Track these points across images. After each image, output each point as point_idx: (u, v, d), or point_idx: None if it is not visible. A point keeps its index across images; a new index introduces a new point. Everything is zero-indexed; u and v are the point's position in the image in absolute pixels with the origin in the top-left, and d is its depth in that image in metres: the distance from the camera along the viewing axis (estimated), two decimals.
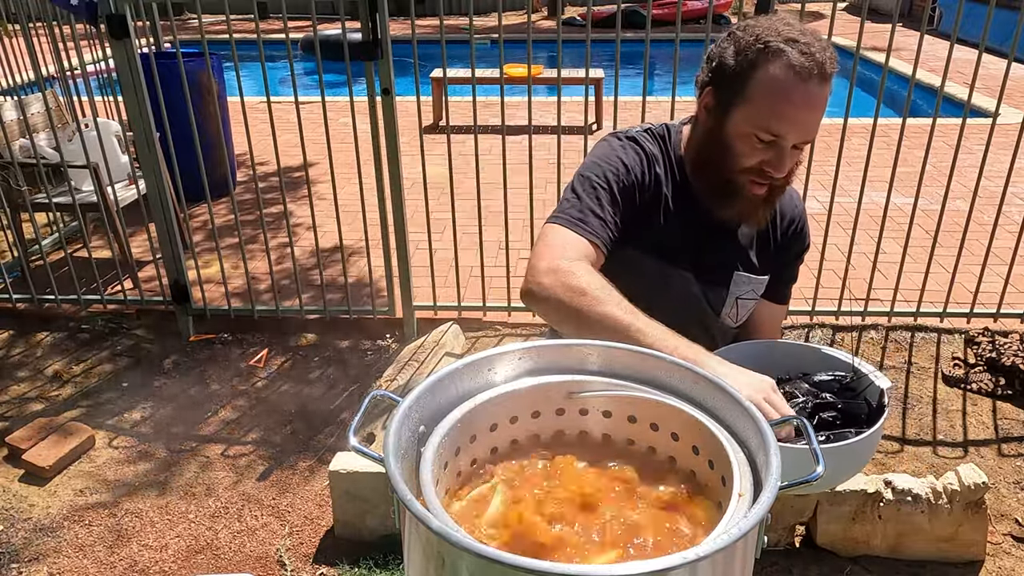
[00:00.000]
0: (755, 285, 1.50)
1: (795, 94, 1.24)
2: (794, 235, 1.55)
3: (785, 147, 1.28)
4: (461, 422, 0.90)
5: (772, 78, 1.24)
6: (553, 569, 0.64)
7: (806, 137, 1.29)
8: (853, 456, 1.16)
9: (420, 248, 4.05)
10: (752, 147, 1.29)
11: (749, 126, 1.28)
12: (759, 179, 1.32)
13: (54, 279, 3.91)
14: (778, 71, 1.24)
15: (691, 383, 0.94)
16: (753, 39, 1.27)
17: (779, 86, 1.24)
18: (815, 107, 1.26)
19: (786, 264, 1.58)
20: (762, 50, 1.25)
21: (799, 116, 1.26)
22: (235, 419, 3.28)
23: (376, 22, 3.12)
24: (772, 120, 1.26)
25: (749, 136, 1.28)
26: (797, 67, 1.23)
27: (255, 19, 3.38)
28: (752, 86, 1.26)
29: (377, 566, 2.52)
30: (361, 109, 3.44)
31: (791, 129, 1.26)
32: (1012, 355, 3.38)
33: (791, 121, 1.26)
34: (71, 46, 3.93)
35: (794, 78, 1.23)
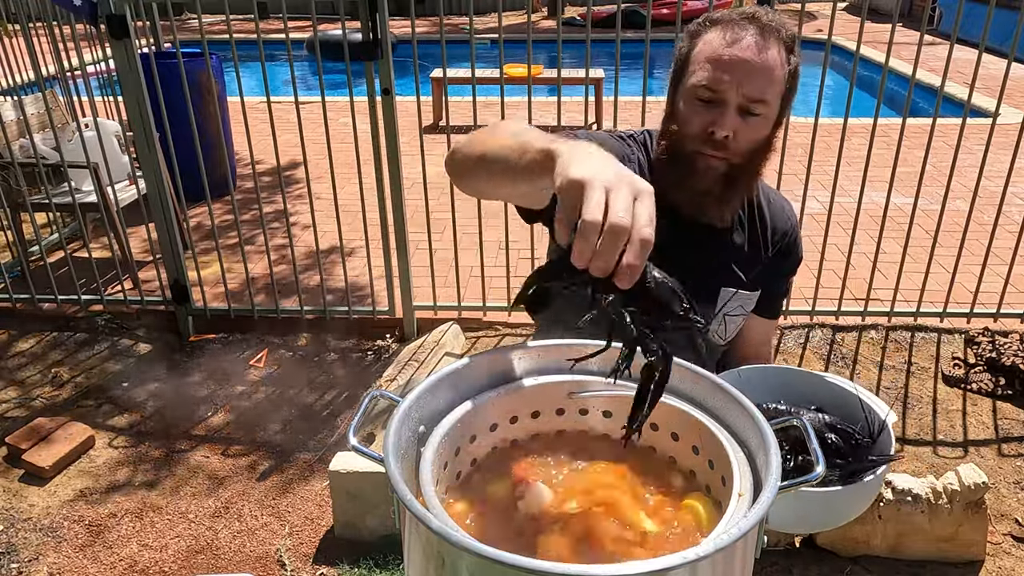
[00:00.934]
0: (743, 301, 1.46)
1: (725, 43, 1.24)
2: (786, 249, 1.51)
3: (726, 101, 1.24)
4: (461, 422, 0.90)
5: (707, 39, 1.27)
6: (553, 569, 0.64)
7: (747, 90, 1.23)
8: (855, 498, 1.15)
9: (420, 248, 4.05)
10: (694, 109, 1.27)
11: (688, 88, 1.28)
12: (709, 147, 1.27)
13: (54, 279, 3.90)
14: (713, 32, 1.27)
15: (691, 383, 0.94)
16: (700, 19, 1.31)
17: (712, 42, 1.26)
18: (748, 55, 1.23)
19: (777, 278, 1.54)
20: (702, 22, 1.29)
21: (731, 64, 1.23)
22: (235, 419, 3.28)
23: (376, 22, 3.12)
24: (705, 72, 1.25)
25: (690, 99, 1.28)
26: (728, 21, 1.26)
27: (255, 19, 3.38)
28: (693, 52, 1.29)
29: (377, 566, 2.52)
30: (361, 109, 3.44)
31: (725, 79, 1.23)
32: (1012, 355, 3.38)
33: (723, 68, 1.23)
34: (71, 46, 3.93)
35: (725, 30, 1.25)
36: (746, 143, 1.27)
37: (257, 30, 3.41)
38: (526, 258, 4.09)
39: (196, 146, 3.45)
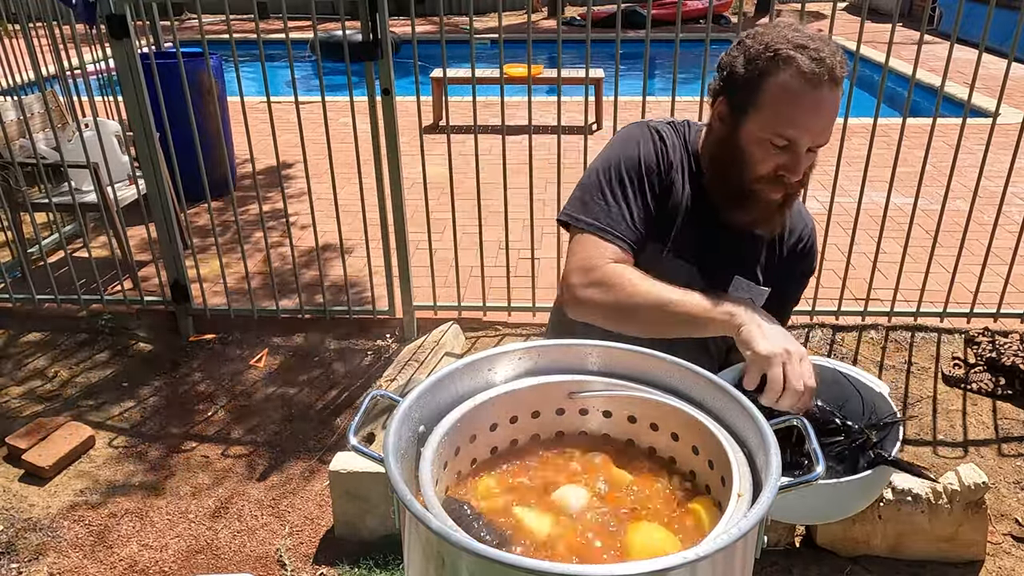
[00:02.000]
0: (754, 294, 1.49)
1: (807, 99, 1.26)
2: (801, 253, 1.54)
3: (800, 151, 1.29)
4: (461, 422, 0.90)
5: (783, 85, 1.26)
6: (553, 569, 0.64)
7: (819, 141, 1.30)
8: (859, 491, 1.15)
9: (420, 248, 4.05)
10: (767, 153, 1.31)
11: (763, 132, 1.29)
12: (774, 185, 1.33)
13: (54, 279, 3.90)
14: (789, 78, 1.25)
15: (691, 383, 0.94)
16: (763, 47, 1.28)
17: (791, 92, 1.26)
18: (827, 111, 1.28)
19: (790, 281, 1.56)
20: (772, 58, 1.27)
21: (812, 121, 1.27)
22: (235, 419, 3.28)
23: (376, 22, 3.12)
24: (785, 126, 1.27)
25: (763, 142, 1.30)
26: (808, 73, 1.24)
27: (255, 19, 3.38)
28: (764, 94, 1.28)
29: (377, 566, 2.52)
30: (361, 109, 3.44)
31: (804, 134, 1.28)
32: (1012, 355, 3.38)
33: (804, 126, 1.27)
34: (71, 46, 3.93)
35: (805, 84, 1.25)
36: (806, 172, 1.35)
37: (257, 30, 3.41)
38: (526, 258, 4.09)
39: (196, 146, 3.45)
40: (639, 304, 1.27)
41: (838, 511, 1.22)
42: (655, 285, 1.27)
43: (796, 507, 1.16)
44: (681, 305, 1.24)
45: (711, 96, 1.40)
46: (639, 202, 1.38)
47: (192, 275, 3.88)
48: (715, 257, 1.45)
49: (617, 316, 1.29)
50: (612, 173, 1.39)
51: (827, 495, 1.12)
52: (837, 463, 1.18)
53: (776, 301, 1.53)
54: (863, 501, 1.21)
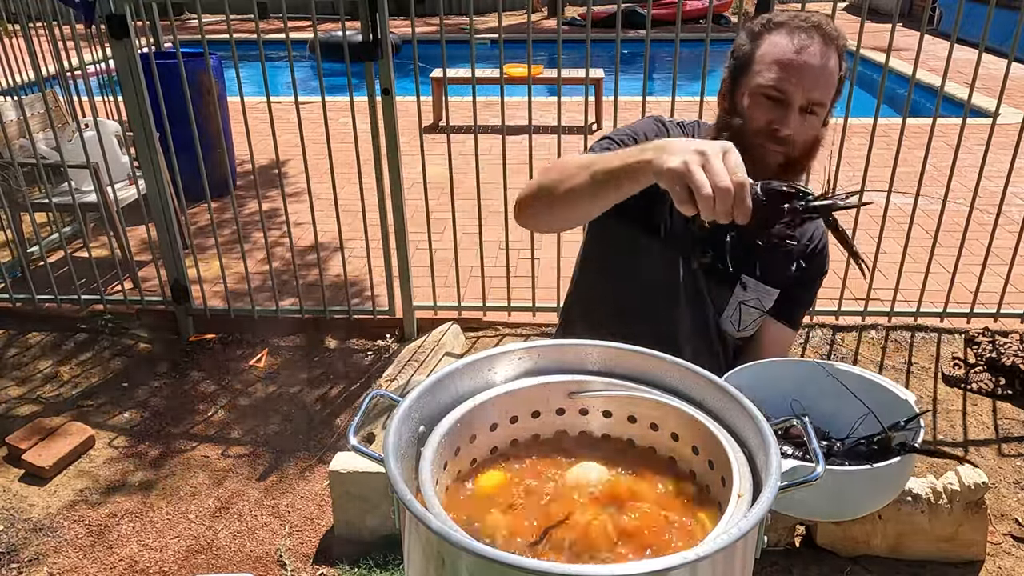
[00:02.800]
0: (761, 294, 1.49)
1: (793, 47, 1.31)
2: (812, 255, 1.54)
3: (791, 102, 1.31)
4: (461, 422, 0.90)
5: (773, 41, 1.33)
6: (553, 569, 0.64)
7: (811, 95, 1.31)
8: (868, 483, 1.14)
9: (420, 248, 4.05)
10: (758, 105, 1.33)
11: (755, 87, 1.33)
12: (770, 142, 1.34)
13: (54, 279, 3.90)
14: (779, 36, 1.33)
15: (691, 383, 0.94)
16: (762, 20, 1.36)
17: (779, 44, 1.32)
18: (817, 65, 1.31)
19: (799, 284, 1.56)
20: (765, 23, 1.35)
21: (801, 72, 1.30)
22: (234, 419, 3.28)
23: (376, 22, 3.12)
24: (773, 74, 1.31)
25: (756, 95, 1.33)
26: (795, 26, 1.32)
27: (255, 19, 3.38)
28: (758, 52, 1.35)
29: (377, 566, 2.52)
30: (361, 109, 3.43)
31: (792, 81, 1.30)
32: (1012, 355, 3.38)
33: (792, 72, 1.30)
34: (71, 46, 3.93)
35: (793, 35, 1.32)
36: (803, 139, 1.35)
37: (257, 30, 3.41)
38: (526, 258, 4.08)
39: (196, 146, 3.45)
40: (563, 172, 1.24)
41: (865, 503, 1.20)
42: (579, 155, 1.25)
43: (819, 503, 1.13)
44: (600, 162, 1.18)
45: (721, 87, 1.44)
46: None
47: (192, 275, 3.88)
48: (722, 255, 1.43)
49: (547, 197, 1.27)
50: (610, 140, 1.42)
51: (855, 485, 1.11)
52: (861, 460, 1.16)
53: (786, 305, 1.53)
54: (891, 492, 1.20)
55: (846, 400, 1.25)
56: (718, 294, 1.49)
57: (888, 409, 1.21)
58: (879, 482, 1.14)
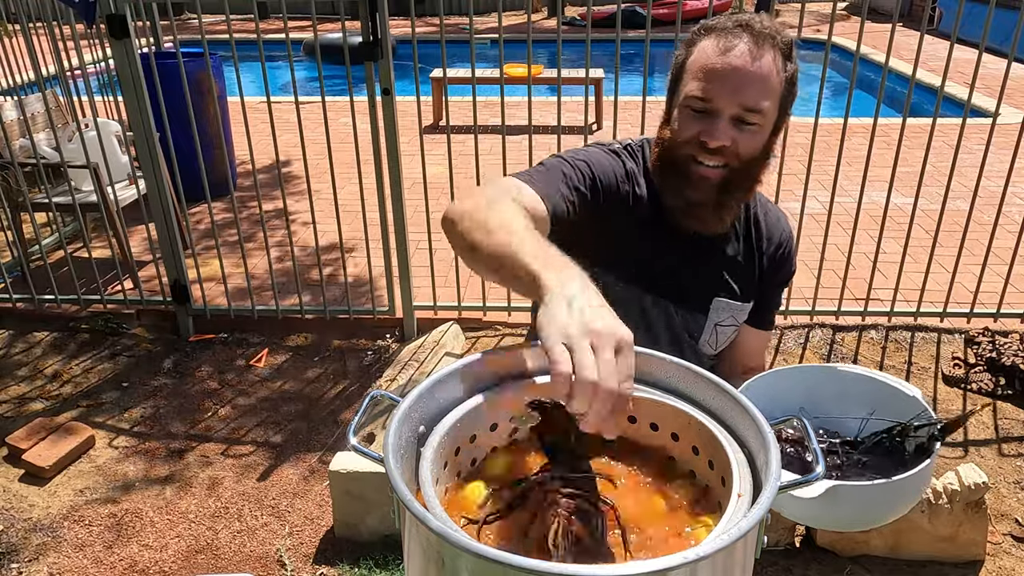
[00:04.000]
0: (735, 312, 1.45)
1: (718, 52, 1.23)
2: (781, 260, 1.49)
3: (718, 111, 1.23)
4: (461, 422, 0.90)
5: (701, 47, 1.26)
6: (553, 569, 0.64)
7: (741, 100, 1.22)
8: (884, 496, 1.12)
9: (420, 248, 4.05)
10: (687, 118, 1.26)
11: (685, 98, 1.27)
12: (701, 155, 1.26)
13: (54, 279, 3.91)
14: (707, 40, 1.26)
15: (691, 383, 0.94)
16: (696, 27, 1.30)
17: (705, 50, 1.25)
18: (740, 63, 1.21)
19: (771, 289, 1.52)
20: (698, 30, 1.29)
21: (724, 75, 1.22)
22: (235, 419, 3.28)
23: (376, 22, 3.12)
24: (698, 82, 1.24)
25: (683, 108, 1.27)
26: (726, 32, 1.24)
27: (255, 19, 3.38)
28: (687, 63, 1.28)
29: (377, 566, 2.52)
30: (361, 109, 3.44)
31: (717, 89, 1.22)
32: (1012, 355, 3.38)
33: (716, 78, 1.22)
34: (71, 46, 3.93)
35: (718, 39, 1.24)
36: (741, 152, 1.26)
37: (257, 30, 3.41)
38: None
39: (196, 146, 3.46)
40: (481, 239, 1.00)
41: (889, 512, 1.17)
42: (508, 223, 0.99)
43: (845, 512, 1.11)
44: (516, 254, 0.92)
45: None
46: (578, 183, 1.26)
47: (192, 275, 3.88)
48: (689, 284, 1.39)
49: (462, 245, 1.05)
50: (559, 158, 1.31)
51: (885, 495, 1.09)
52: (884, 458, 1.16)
53: (758, 311, 1.50)
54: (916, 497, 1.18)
55: (854, 402, 1.25)
56: (692, 322, 1.42)
57: (895, 406, 1.21)
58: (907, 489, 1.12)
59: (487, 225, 1.01)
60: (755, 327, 1.53)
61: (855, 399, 1.25)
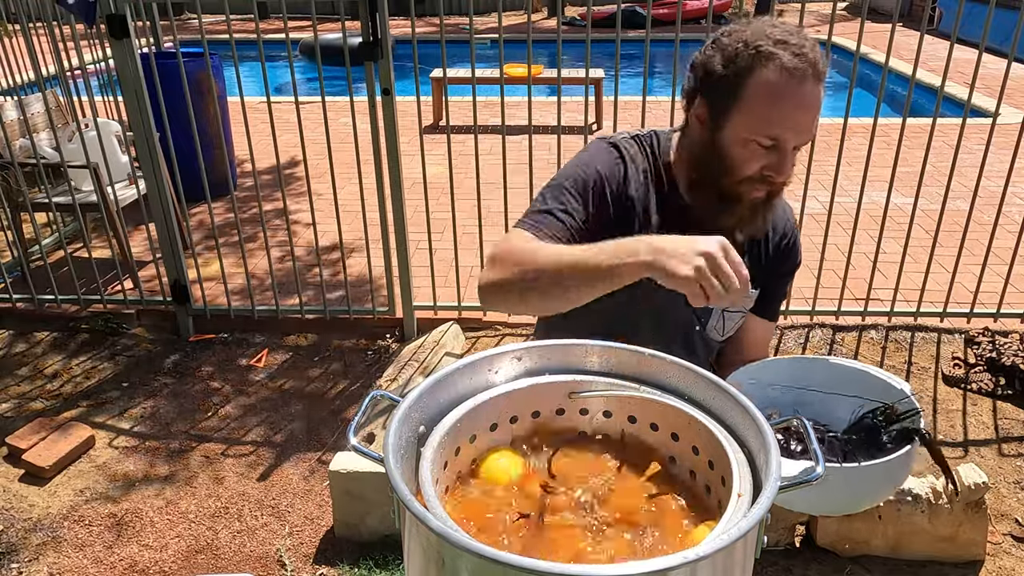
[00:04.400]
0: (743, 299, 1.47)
1: (791, 96, 1.23)
2: (786, 250, 1.51)
3: (786, 150, 1.26)
4: (461, 422, 0.90)
5: (767, 82, 1.22)
6: (553, 569, 0.64)
7: (805, 138, 1.27)
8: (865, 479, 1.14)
9: (420, 248, 4.05)
10: (753, 153, 1.27)
11: (748, 133, 1.26)
12: (760, 185, 1.30)
13: (54, 279, 3.91)
14: (772, 75, 1.22)
15: (691, 383, 0.94)
16: (742, 45, 1.24)
17: (775, 90, 1.23)
18: (811, 107, 1.25)
19: (776, 280, 1.55)
20: (754, 55, 1.23)
21: (797, 118, 1.25)
22: (235, 419, 3.28)
23: (376, 22, 3.12)
24: (771, 125, 1.24)
25: (748, 143, 1.26)
26: (791, 69, 1.21)
27: (255, 19, 3.38)
28: (747, 92, 1.24)
29: (377, 566, 2.52)
30: (361, 109, 3.44)
31: (790, 132, 1.25)
32: (1012, 355, 3.38)
33: (790, 124, 1.24)
34: (71, 46, 3.93)
35: (789, 80, 1.22)
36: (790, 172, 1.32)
37: (257, 30, 3.41)
38: None
39: (196, 146, 3.46)
40: (537, 270, 1.18)
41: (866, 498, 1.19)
42: (546, 247, 1.19)
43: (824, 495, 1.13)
44: (583, 261, 1.14)
45: (684, 98, 1.35)
46: (576, 210, 1.33)
47: (192, 275, 3.88)
48: None
49: (519, 291, 1.20)
50: (556, 186, 1.36)
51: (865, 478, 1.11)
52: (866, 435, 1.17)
53: (764, 300, 1.52)
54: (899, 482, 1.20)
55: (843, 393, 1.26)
56: (700, 308, 1.42)
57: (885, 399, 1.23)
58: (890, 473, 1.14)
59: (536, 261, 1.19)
60: (759, 316, 1.56)
61: (845, 391, 1.27)
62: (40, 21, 4.54)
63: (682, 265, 1.04)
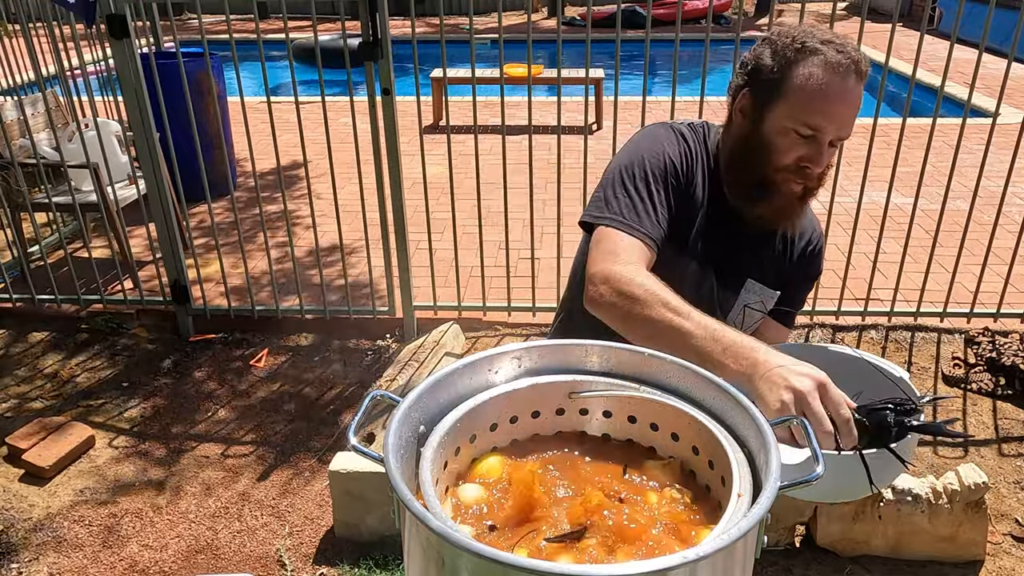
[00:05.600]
0: (765, 297, 1.51)
1: (833, 88, 1.27)
2: (811, 256, 1.55)
3: (824, 141, 1.30)
4: (461, 422, 0.90)
5: (811, 74, 1.28)
6: (553, 569, 0.64)
7: (842, 133, 1.30)
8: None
9: (420, 248, 4.05)
10: (792, 143, 1.31)
11: (789, 121, 1.30)
12: (797, 176, 1.33)
13: (54, 279, 3.91)
14: (816, 68, 1.28)
15: (691, 383, 0.94)
16: (790, 40, 1.31)
17: (818, 80, 1.28)
18: (851, 102, 1.29)
19: (798, 284, 1.58)
20: (800, 49, 1.29)
21: (837, 110, 1.28)
22: (235, 419, 3.28)
23: (376, 22, 3.12)
24: (811, 113, 1.28)
25: (788, 132, 1.31)
26: (834, 63, 1.27)
27: (255, 19, 3.38)
28: (791, 83, 1.30)
29: (377, 566, 2.52)
30: (361, 109, 3.44)
31: (829, 123, 1.28)
32: (1012, 355, 3.38)
33: (830, 115, 1.28)
34: (71, 46, 3.93)
35: (832, 73, 1.27)
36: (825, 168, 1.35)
37: (257, 30, 3.41)
38: (526, 258, 4.09)
39: (196, 146, 3.46)
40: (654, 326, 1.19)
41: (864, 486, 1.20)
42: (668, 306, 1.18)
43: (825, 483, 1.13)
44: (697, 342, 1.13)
45: (731, 93, 1.40)
46: (662, 199, 1.36)
47: (192, 275, 3.88)
48: (730, 261, 1.46)
49: (628, 328, 1.23)
50: (636, 171, 1.38)
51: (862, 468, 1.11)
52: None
53: (784, 303, 1.55)
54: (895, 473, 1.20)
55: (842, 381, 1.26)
56: (724, 298, 1.49)
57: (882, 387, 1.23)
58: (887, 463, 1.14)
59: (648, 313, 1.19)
60: (778, 322, 1.59)
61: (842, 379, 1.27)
62: (40, 21, 4.54)
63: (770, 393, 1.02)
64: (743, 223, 1.43)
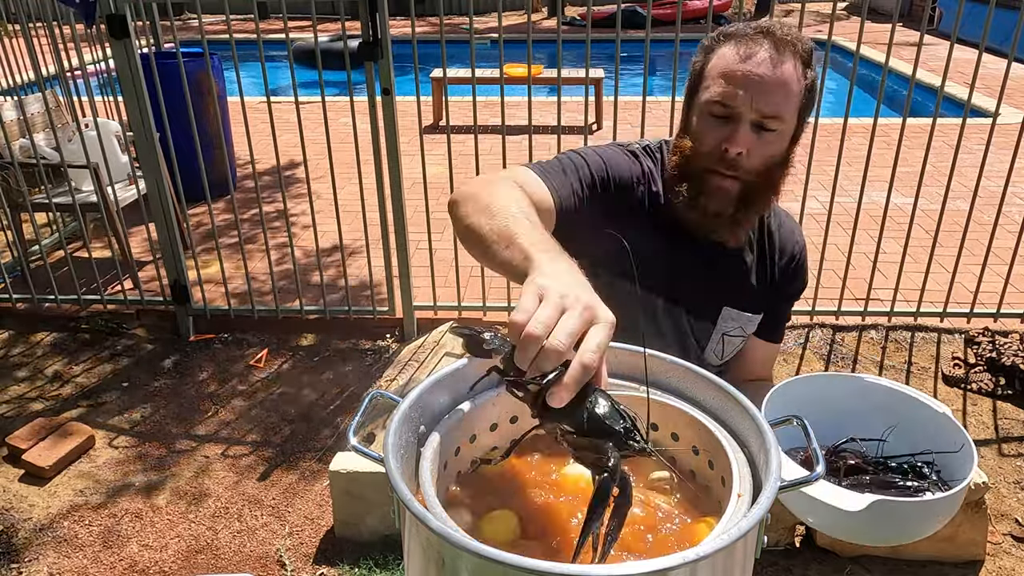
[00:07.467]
0: (743, 323, 1.43)
1: (739, 58, 1.22)
2: (792, 273, 1.47)
3: (740, 119, 1.22)
4: (461, 422, 0.90)
5: (721, 53, 1.26)
6: (553, 569, 0.64)
7: (762, 106, 1.21)
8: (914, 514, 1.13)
9: (420, 248, 4.05)
10: (709, 125, 1.25)
11: (702, 103, 1.26)
12: (722, 166, 1.25)
13: (54, 279, 3.90)
14: (727, 47, 1.25)
15: (691, 383, 0.94)
16: (714, 34, 1.29)
17: (726, 56, 1.25)
18: (762, 70, 1.21)
19: (781, 302, 1.50)
20: (716, 37, 1.28)
21: (745, 80, 1.21)
22: (235, 419, 3.28)
23: (376, 22, 3.12)
24: (719, 87, 1.23)
25: (705, 116, 1.26)
26: (742, 35, 1.24)
27: (255, 19, 3.38)
28: (706, 68, 1.27)
29: (377, 566, 2.52)
30: (361, 109, 3.44)
31: (739, 95, 1.21)
32: (1012, 355, 3.38)
33: (737, 83, 1.21)
34: (71, 46, 3.93)
35: (739, 45, 1.24)
36: (760, 160, 1.25)
37: (257, 30, 3.41)
38: None
39: (196, 146, 3.46)
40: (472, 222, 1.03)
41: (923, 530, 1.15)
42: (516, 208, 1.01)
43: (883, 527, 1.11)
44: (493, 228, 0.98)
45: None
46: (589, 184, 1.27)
47: (192, 275, 3.88)
48: (699, 292, 1.37)
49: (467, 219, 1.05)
50: (575, 155, 1.31)
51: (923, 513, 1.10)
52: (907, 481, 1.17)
53: (768, 323, 1.48)
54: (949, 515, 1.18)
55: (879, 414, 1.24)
56: (699, 329, 1.41)
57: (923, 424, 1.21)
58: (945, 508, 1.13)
59: (490, 209, 1.03)
60: (764, 339, 1.51)
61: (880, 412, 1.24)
62: (40, 21, 4.53)
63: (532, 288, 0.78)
64: (700, 246, 1.34)
